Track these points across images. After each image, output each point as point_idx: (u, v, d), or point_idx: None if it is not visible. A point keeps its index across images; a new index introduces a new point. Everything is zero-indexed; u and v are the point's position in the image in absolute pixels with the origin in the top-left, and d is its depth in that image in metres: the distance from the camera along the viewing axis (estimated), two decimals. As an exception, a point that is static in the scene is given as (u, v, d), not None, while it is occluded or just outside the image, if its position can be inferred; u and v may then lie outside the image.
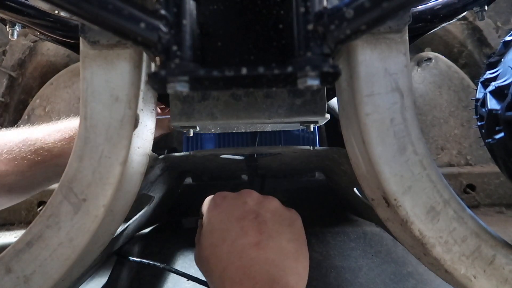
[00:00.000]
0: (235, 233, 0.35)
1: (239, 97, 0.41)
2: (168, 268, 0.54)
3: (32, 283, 0.31)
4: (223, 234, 0.36)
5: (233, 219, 0.37)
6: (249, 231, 0.35)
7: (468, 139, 0.94)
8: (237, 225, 0.36)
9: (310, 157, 0.52)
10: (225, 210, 0.38)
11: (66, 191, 0.32)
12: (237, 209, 0.38)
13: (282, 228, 0.37)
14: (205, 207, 0.41)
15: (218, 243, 0.36)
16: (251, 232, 0.35)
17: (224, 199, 0.39)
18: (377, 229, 0.70)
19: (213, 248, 0.36)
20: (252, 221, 0.36)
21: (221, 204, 0.39)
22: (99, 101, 0.32)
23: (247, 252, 0.34)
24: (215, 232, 0.37)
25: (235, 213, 0.37)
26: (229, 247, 0.35)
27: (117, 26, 0.24)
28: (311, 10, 0.25)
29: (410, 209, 0.31)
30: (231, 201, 0.39)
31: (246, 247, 0.34)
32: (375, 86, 0.31)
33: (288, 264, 0.34)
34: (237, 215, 0.37)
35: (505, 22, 1.06)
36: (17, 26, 0.45)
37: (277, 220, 0.37)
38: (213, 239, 0.36)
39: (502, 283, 0.31)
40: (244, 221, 0.36)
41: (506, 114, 0.31)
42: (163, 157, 0.45)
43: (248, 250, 0.34)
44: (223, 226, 0.37)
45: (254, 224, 0.36)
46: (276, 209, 0.38)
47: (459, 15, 0.44)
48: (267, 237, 0.35)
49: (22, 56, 1.07)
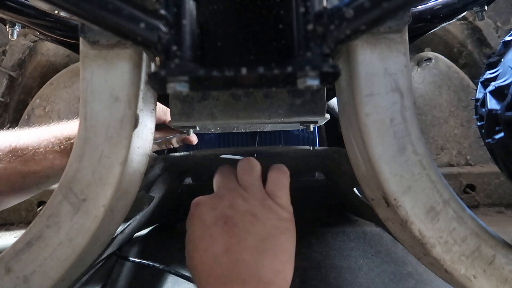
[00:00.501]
0: (205, 242, 0.36)
1: (239, 97, 0.41)
2: (168, 269, 0.54)
3: (31, 283, 0.31)
4: (196, 244, 0.36)
5: (204, 227, 0.37)
6: (218, 237, 0.36)
7: (468, 139, 0.94)
8: (207, 233, 0.36)
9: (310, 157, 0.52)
10: (197, 218, 0.38)
11: (66, 191, 0.32)
12: (208, 216, 0.38)
13: (254, 228, 0.36)
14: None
15: (193, 253, 0.36)
16: (221, 238, 0.35)
17: (197, 206, 0.39)
18: (377, 229, 0.70)
19: (190, 258, 0.36)
20: (222, 226, 0.36)
21: (194, 212, 0.39)
22: (99, 101, 0.32)
23: (218, 260, 0.34)
24: (190, 243, 0.37)
25: (206, 221, 0.37)
26: (202, 256, 0.35)
27: (116, 26, 0.24)
28: (311, 10, 0.25)
29: (410, 209, 0.31)
30: (203, 208, 0.39)
31: (217, 255, 0.35)
32: (375, 86, 0.31)
33: (263, 262, 0.34)
34: (208, 222, 0.37)
35: (505, 22, 1.06)
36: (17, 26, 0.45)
37: (248, 220, 0.37)
38: (189, 249, 0.37)
39: (502, 283, 0.31)
40: (214, 227, 0.36)
41: (506, 114, 0.31)
42: (163, 157, 0.45)
43: (220, 257, 0.34)
44: (196, 235, 0.37)
45: (224, 230, 0.36)
46: (249, 208, 0.38)
47: (459, 15, 0.44)
48: (238, 240, 0.35)
49: (22, 56, 1.07)
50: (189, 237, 0.38)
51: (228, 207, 0.38)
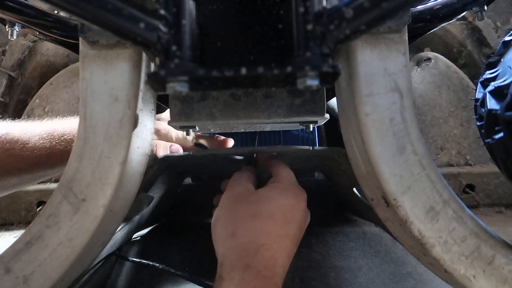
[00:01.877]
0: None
1: (239, 97, 0.41)
2: (167, 268, 0.54)
3: (31, 283, 0.31)
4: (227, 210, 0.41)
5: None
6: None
7: (468, 139, 0.94)
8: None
9: (310, 157, 0.52)
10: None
11: (65, 191, 0.32)
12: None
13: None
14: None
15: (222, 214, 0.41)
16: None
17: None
18: (377, 229, 0.70)
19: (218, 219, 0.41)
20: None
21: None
22: (99, 101, 0.32)
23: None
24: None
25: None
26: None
27: (116, 26, 0.24)
28: (311, 10, 0.25)
29: (410, 209, 0.31)
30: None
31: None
32: (375, 86, 0.31)
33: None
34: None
35: (504, 22, 1.06)
36: (16, 26, 0.45)
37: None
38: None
39: (502, 283, 0.31)
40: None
41: (505, 114, 0.31)
42: (163, 157, 0.45)
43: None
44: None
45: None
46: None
47: (458, 15, 0.44)
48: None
49: (22, 56, 1.07)
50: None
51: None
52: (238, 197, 0.42)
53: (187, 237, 0.68)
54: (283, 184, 0.43)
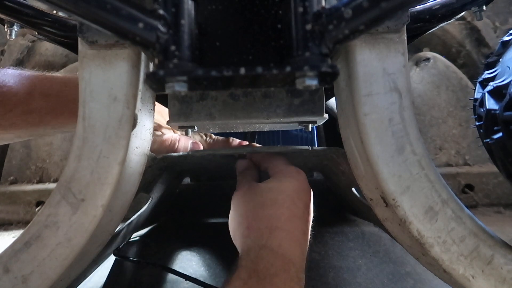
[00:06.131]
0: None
1: (238, 97, 0.41)
2: (167, 268, 0.54)
3: (30, 283, 0.31)
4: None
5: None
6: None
7: (467, 139, 0.94)
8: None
9: (308, 157, 0.52)
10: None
11: (64, 191, 0.32)
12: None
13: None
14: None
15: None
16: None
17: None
18: (376, 229, 0.70)
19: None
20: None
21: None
22: (98, 101, 0.32)
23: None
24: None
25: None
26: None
27: (115, 26, 0.24)
28: (310, 10, 0.25)
29: (409, 209, 0.31)
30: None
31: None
32: (374, 86, 0.31)
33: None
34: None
35: (503, 22, 1.06)
36: (15, 26, 0.45)
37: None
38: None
39: (500, 283, 0.31)
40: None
41: (504, 114, 0.31)
42: (161, 157, 0.45)
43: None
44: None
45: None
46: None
47: (457, 15, 0.44)
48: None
49: (20, 56, 1.07)
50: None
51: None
52: (245, 194, 0.44)
53: (186, 237, 0.68)
54: (280, 170, 0.45)
